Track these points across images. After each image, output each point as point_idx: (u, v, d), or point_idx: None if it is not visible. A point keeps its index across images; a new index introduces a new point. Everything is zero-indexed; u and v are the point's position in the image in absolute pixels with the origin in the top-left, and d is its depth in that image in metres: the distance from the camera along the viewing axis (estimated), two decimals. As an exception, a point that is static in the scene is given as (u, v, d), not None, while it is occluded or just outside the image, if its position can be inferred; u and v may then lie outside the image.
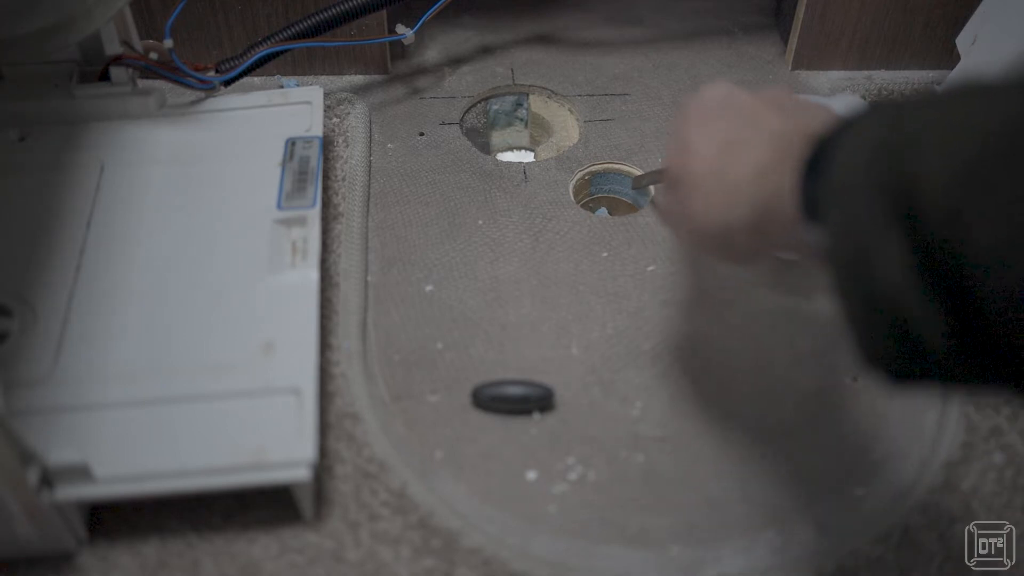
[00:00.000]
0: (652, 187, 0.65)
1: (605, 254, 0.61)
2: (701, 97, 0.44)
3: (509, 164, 0.67)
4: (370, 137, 0.68)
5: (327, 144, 0.66)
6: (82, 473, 0.44)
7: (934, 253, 0.27)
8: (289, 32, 0.65)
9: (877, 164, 0.30)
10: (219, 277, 0.54)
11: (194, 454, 0.46)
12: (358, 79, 0.73)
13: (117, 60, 0.61)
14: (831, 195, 0.33)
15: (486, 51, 0.76)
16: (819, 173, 0.34)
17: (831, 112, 0.39)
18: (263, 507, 0.48)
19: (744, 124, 0.41)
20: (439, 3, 0.67)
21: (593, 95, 0.72)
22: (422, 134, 0.69)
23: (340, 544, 0.47)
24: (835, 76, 0.74)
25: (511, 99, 0.74)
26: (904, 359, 0.31)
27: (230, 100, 0.65)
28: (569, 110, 0.72)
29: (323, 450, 0.50)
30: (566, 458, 0.51)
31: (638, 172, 0.66)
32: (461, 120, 0.71)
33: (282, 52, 0.65)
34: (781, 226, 0.38)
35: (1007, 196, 0.25)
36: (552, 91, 0.73)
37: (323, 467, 0.50)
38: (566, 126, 0.72)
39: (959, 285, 0.27)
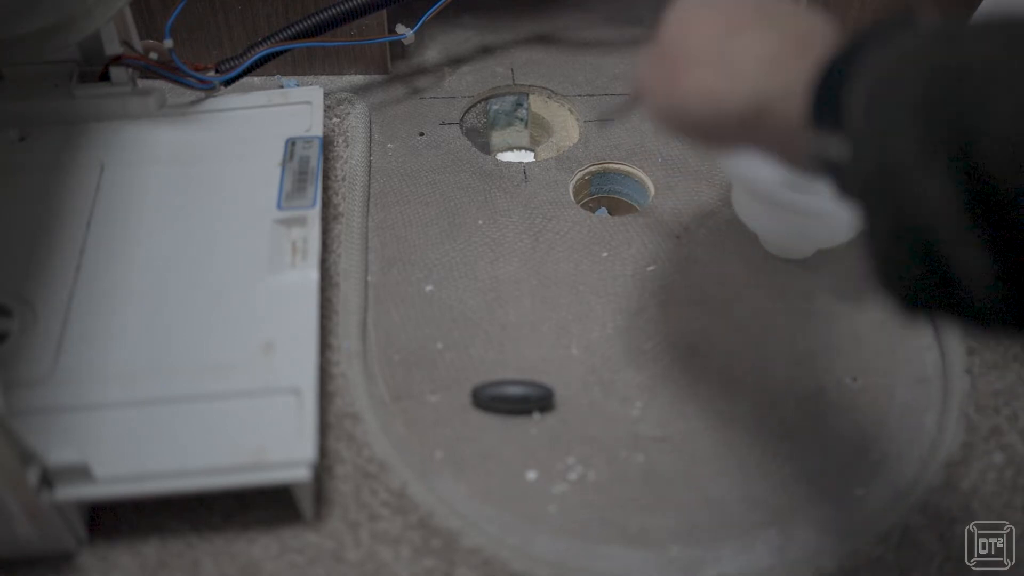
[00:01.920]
0: (653, 187, 0.65)
1: (605, 254, 0.61)
2: None
3: (509, 164, 0.67)
4: (370, 137, 0.68)
5: (327, 144, 0.66)
6: (82, 473, 0.44)
7: (988, 192, 0.26)
8: (289, 32, 0.65)
9: (928, 87, 0.28)
10: (219, 277, 0.54)
11: (194, 454, 0.46)
12: (358, 79, 0.73)
13: (117, 60, 0.61)
14: (865, 105, 0.31)
15: (486, 51, 0.76)
16: (847, 78, 0.32)
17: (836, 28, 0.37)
18: (263, 507, 0.48)
19: (757, 11, 0.37)
20: (439, 3, 0.67)
21: (593, 95, 0.72)
22: (422, 134, 0.69)
23: (340, 544, 0.47)
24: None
25: (511, 99, 0.74)
26: (926, 290, 0.30)
27: (230, 100, 0.65)
28: (569, 110, 0.72)
29: (323, 450, 0.50)
30: (566, 458, 0.51)
31: (638, 172, 0.66)
32: (461, 120, 0.71)
33: (282, 52, 0.65)
34: (779, 126, 0.35)
35: None
36: (552, 91, 0.73)
37: (323, 467, 0.50)
38: (566, 126, 0.72)
39: (1012, 227, 0.26)
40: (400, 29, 0.68)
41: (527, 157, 0.73)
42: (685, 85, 0.38)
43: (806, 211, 0.54)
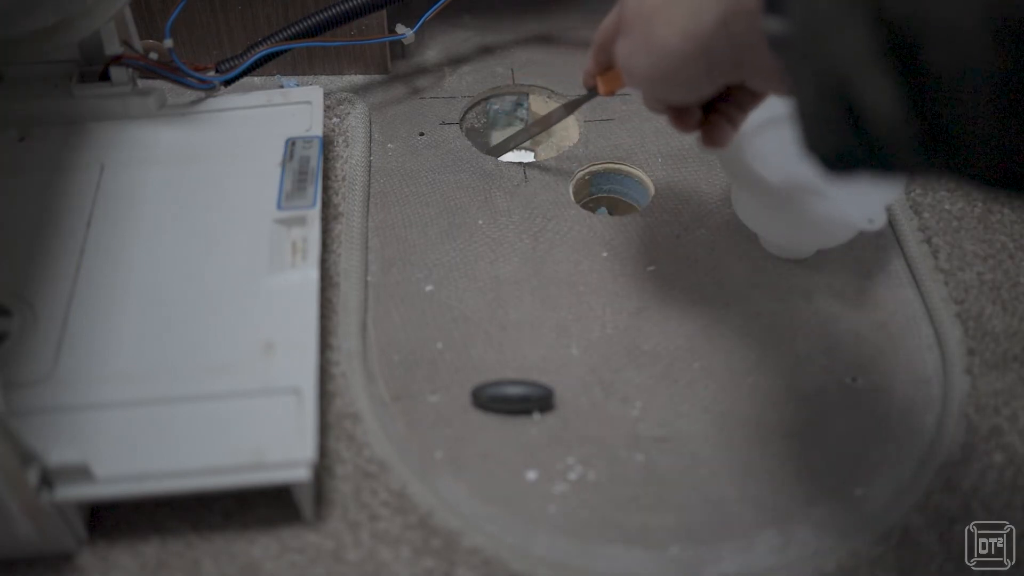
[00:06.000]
0: (653, 187, 0.65)
1: (605, 254, 0.61)
2: None
3: (509, 164, 0.67)
4: (370, 137, 0.68)
5: (327, 144, 0.66)
6: (82, 473, 0.44)
7: (892, 32, 0.28)
8: (289, 32, 0.65)
9: None
10: (219, 277, 0.54)
11: (194, 454, 0.46)
12: (358, 79, 0.73)
13: (117, 60, 0.61)
14: None
15: (486, 51, 0.76)
16: None
17: None
18: (263, 507, 0.48)
19: None
20: (439, 3, 0.67)
21: (593, 95, 0.72)
22: (422, 134, 0.69)
23: (340, 544, 0.47)
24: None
25: (511, 99, 0.74)
26: (848, 145, 0.32)
27: (230, 100, 0.65)
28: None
29: (323, 450, 0.50)
30: (566, 458, 0.51)
31: (638, 172, 0.66)
32: (461, 120, 0.71)
33: (282, 52, 0.65)
34: (745, 21, 0.38)
35: None
36: (552, 91, 0.73)
37: (323, 467, 0.50)
38: (566, 126, 0.72)
39: (911, 63, 0.28)
40: (400, 29, 0.68)
41: (527, 157, 0.73)
42: (658, 33, 0.42)
43: (806, 211, 0.54)
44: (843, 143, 0.32)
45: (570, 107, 0.63)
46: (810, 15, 0.31)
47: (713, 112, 0.47)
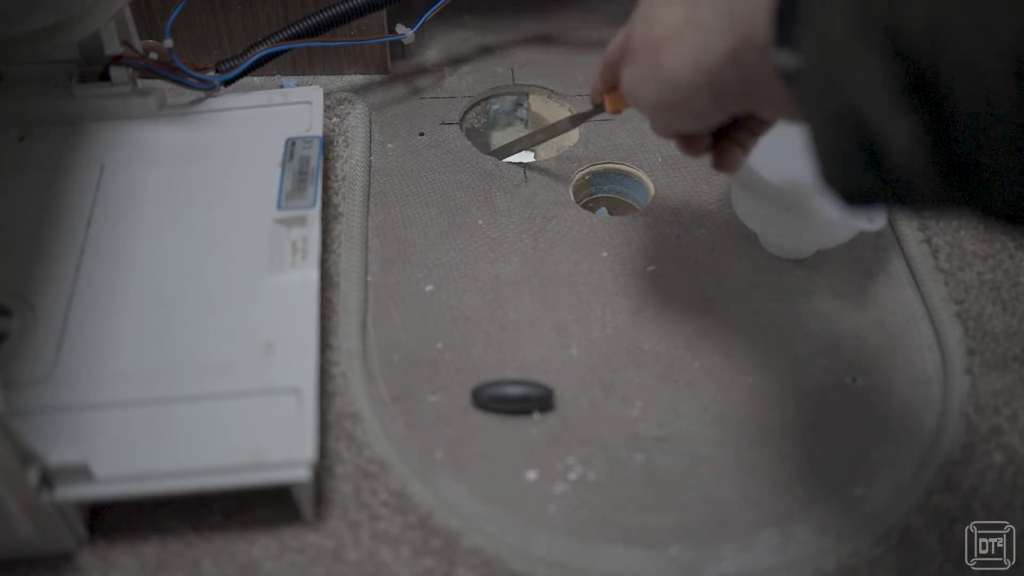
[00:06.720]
0: (653, 187, 0.65)
1: (605, 254, 0.61)
2: None
3: (509, 164, 0.67)
4: (370, 137, 0.68)
5: (327, 144, 0.66)
6: (82, 473, 0.44)
7: (909, 68, 0.28)
8: (289, 32, 0.65)
9: None
10: (219, 277, 0.54)
11: (194, 454, 0.46)
12: (358, 79, 0.73)
13: (117, 60, 0.61)
14: (805, 17, 0.32)
15: (486, 51, 0.76)
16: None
17: None
18: (263, 507, 0.48)
19: None
20: (439, 3, 0.67)
21: (593, 95, 0.72)
22: (422, 134, 0.69)
23: (340, 544, 0.47)
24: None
25: (511, 99, 0.74)
26: (865, 178, 0.31)
27: (230, 100, 0.65)
28: (569, 110, 0.72)
29: (323, 450, 0.50)
30: (566, 458, 0.51)
31: (638, 172, 0.66)
32: (461, 120, 0.71)
33: (282, 52, 0.65)
34: (756, 55, 0.37)
35: (983, 5, 0.26)
36: (552, 91, 0.73)
37: (323, 467, 0.50)
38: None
39: (930, 100, 0.28)
40: (400, 29, 0.68)
41: (527, 157, 0.73)
42: (666, 64, 0.41)
43: (806, 212, 0.54)
44: (862, 178, 0.32)
45: (576, 120, 0.63)
46: (824, 49, 0.31)
47: (723, 138, 0.47)
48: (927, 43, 0.27)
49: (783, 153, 0.52)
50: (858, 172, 0.31)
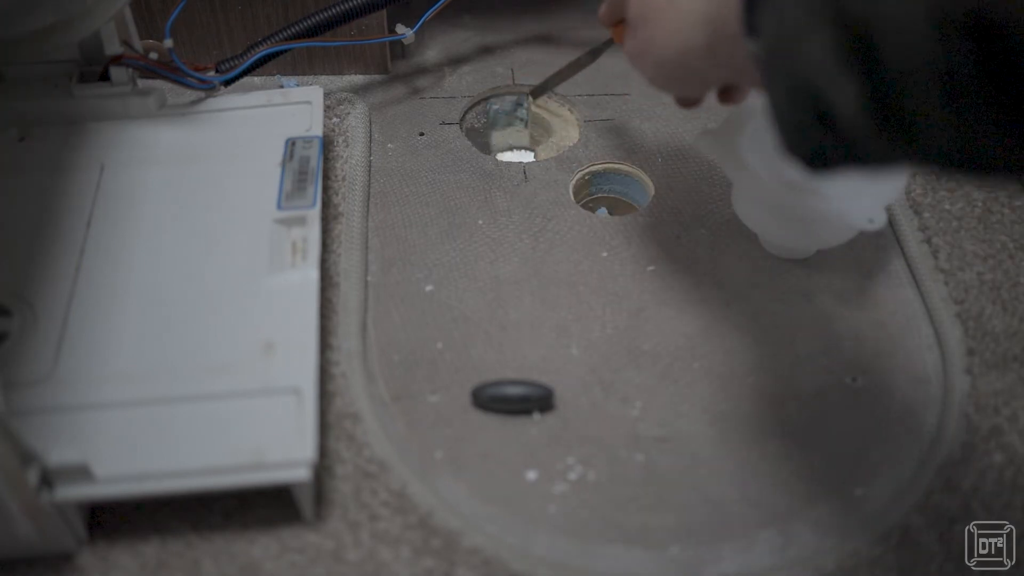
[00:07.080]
0: (653, 187, 0.65)
1: (605, 254, 0.61)
2: None
3: (509, 164, 0.67)
4: (370, 137, 0.68)
5: (327, 144, 0.66)
6: (82, 473, 0.44)
7: (850, 34, 0.30)
8: (289, 32, 0.65)
9: None
10: (219, 277, 0.54)
11: (194, 454, 0.46)
12: (358, 79, 0.73)
13: (117, 60, 0.61)
14: (765, 2, 0.36)
15: (486, 51, 0.76)
16: None
17: None
18: (263, 507, 0.48)
19: None
20: (439, 3, 0.67)
21: (593, 95, 0.72)
22: (422, 134, 0.69)
23: (340, 544, 0.47)
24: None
25: (511, 99, 0.74)
26: (823, 143, 0.34)
27: (230, 100, 0.65)
28: (569, 110, 0.72)
29: (323, 450, 0.50)
30: (566, 458, 0.51)
31: (638, 172, 0.66)
32: (461, 120, 0.71)
33: (282, 52, 0.65)
34: (730, 42, 0.41)
35: None
36: (552, 91, 0.73)
37: (323, 467, 0.50)
38: (566, 126, 0.72)
39: (868, 62, 0.30)
40: (400, 29, 0.68)
41: (527, 157, 0.73)
42: (657, 43, 0.46)
43: (806, 212, 0.54)
44: (818, 142, 0.34)
45: (595, 53, 0.66)
46: (780, 28, 0.34)
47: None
48: (861, 6, 0.30)
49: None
50: (814, 137, 0.34)
